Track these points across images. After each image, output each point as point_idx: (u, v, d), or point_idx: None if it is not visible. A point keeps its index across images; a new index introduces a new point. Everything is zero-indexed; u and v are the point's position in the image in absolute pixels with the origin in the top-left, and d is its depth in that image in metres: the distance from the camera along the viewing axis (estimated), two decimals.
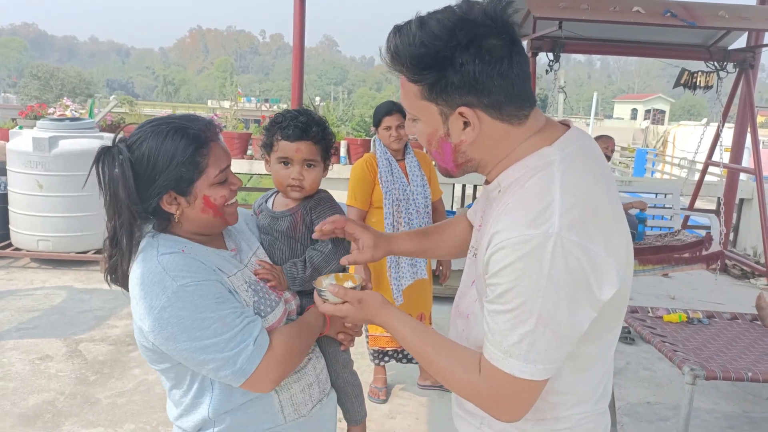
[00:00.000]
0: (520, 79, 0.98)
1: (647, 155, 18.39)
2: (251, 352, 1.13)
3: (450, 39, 0.95)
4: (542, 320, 0.92)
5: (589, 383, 1.09)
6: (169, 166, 1.16)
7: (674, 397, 3.53)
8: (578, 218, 0.92)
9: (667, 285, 5.87)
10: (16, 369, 3.54)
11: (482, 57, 0.95)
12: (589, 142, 1.08)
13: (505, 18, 0.97)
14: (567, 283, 0.91)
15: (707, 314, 3.54)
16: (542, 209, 0.93)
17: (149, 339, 1.16)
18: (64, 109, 7.08)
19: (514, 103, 1.00)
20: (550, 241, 0.90)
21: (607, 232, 0.95)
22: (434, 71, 0.97)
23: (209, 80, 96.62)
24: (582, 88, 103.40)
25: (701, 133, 5.97)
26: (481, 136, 1.02)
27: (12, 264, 5.56)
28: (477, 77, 0.95)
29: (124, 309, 4.54)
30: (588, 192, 0.97)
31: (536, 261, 0.90)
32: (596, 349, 1.05)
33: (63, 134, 5.40)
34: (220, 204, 1.23)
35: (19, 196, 5.41)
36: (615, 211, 1.01)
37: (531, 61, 5.37)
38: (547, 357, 0.95)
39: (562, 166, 0.98)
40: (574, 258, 0.90)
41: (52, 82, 47.95)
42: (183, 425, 1.26)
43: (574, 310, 0.93)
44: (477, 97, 0.98)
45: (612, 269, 0.94)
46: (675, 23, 4.42)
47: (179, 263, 1.15)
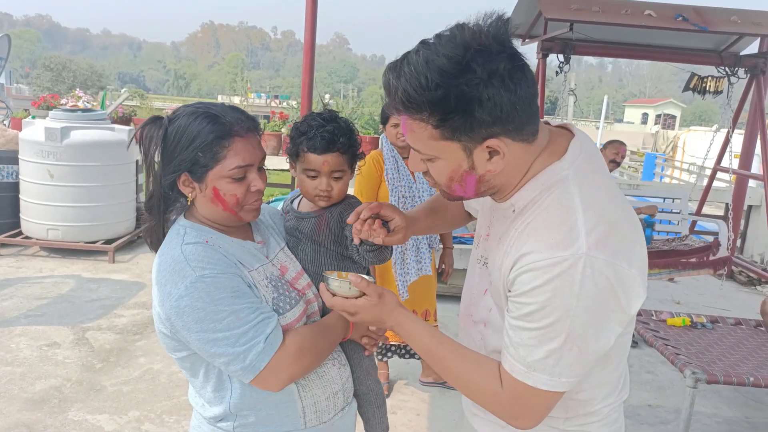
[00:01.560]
0: (535, 96, 0.96)
1: (656, 160, 18.30)
2: (261, 349, 1.12)
3: (469, 75, 0.89)
4: (570, 338, 0.93)
5: (613, 376, 1.12)
6: (189, 146, 1.18)
7: (676, 400, 3.54)
8: (603, 235, 0.93)
9: (672, 289, 5.86)
10: (24, 355, 3.59)
11: (506, 86, 0.90)
12: (590, 147, 1.07)
13: (511, 39, 0.94)
14: (597, 302, 0.92)
15: (711, 319, 3.54)
16: (568, 230, 0.93)
17: (167, 326, 1.18)
18: (76, 100, 7.15)
19: (531, 121, 0.97)
20: (581, 262, 0.91)
21: (629, 243, 0.96)
22: (460, 113, 0.91)
23: (220, 75, 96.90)
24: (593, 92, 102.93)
25: (711, 138, 5.96)
26: (505, 162, 0.98)
27: (21, 252, 5.62)
28: (503, 108, 0.91)
29: (131, 299, 4.59)
30: (605, 206, 0.98)
31: (567, 282, 0.91)
32: (617, 346, 1.06)
33: (75, 125, 5.45)
34: (230, 201, 1.20)
35: (30, 185, 5.47)
36: (630, 218, 1.01)
37: (541, 62, 5.38)
38: (572, 371, 0.97)
39: (576, 182, 0.99)
40: (603, 277, 0.91)
41: (65, 74, 48.20)
42: (205, 414, 1.27)
43: (602, 328, 0.95)
44: (503, 126, 0.94)
45: (637, 282, 0.95)
46: (686, 27, 4.42)
47: (201, 254, 1.16)
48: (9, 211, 5.71)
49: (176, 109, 1.25)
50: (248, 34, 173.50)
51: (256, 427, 1.24)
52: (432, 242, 3.19)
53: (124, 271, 5.23)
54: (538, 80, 5.60)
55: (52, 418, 2.94)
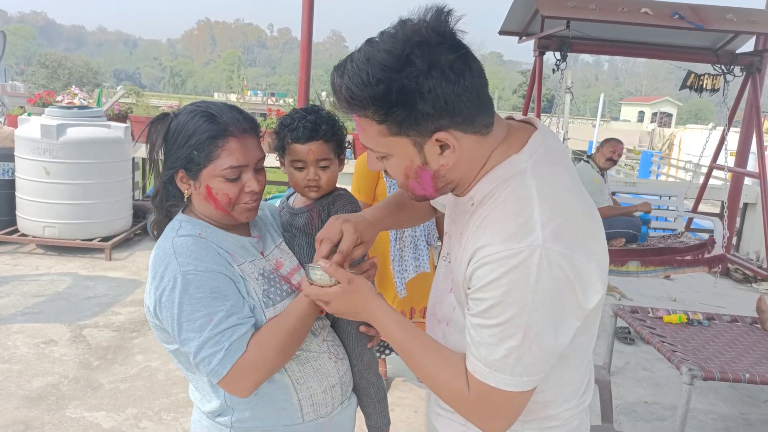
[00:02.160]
0: (482, 87, 0.95)
1: (653, 158, 18.35)
2: (223, 356, 1.12)
3: (409, 68, 0.89)
4: (529, 335, 0.91)
5: (573, 379, 1.09)
6: (185, 144, 1.20)
7: (672, 397, 3.55)
8: (559, 228, 0.91)
9: (668, 287, 5.88)
10: (21, 352, 3.58)
11: (447, 77, 0.90)
12: (553, 142, 1.05)
13: (453, 30, 0.93)
14: (553, 295, 0.90)
15: (707, 316, 3.56)
16: (523, 222, 0.91)
17: (154, 316, 1.20)
18: (72, 97, 7.12)
19: (482, 113, 0.96)
20: (536, 253, 0.89)
21: (587, 237, 0.95)
22: (402, 106, 0.90)
23: (216, 72, 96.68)
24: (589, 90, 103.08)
25: (707, 136, 5.98)
26: (458, 156, 0.98)
27: (18, 250, 5.60)
28: (447, 99, 0.91)
29: (127, 296, 4.58)
30: (564, 198, 0.96)
31: (523, 275, 0.89)
32: (577, 346, 1.04)
33: (71, 122, 5.43)
34: (222, 200, 1.21)
35: (26, 182, 5.45)
36: (590, 213, 1.00)
37: (538, 60, 5.39)
38: (533, 369, 0.95)
39: (534, 174, 0.96)
40: (559, 269, 0.89)
41: (60, 71, 48.02)
42: (203, 408, 1.28)
43: (560, 322, 0.92)
44: (450, 118, 0.93)
45: (595, 276, 0.93)
46: (683, 25, 4.43)
47: (190, 248, 1.18)
48: (5, 209, 5.69)
49: (182, 107, 1.28)
50: (245, 31, 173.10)
51: (253, 422, 1.24)
52: (430, 239, 3.20)
53: (121, 269, 5.22)
54: (534, 78, 5.62)
55: (50, 416, 2.94)
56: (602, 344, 4.11)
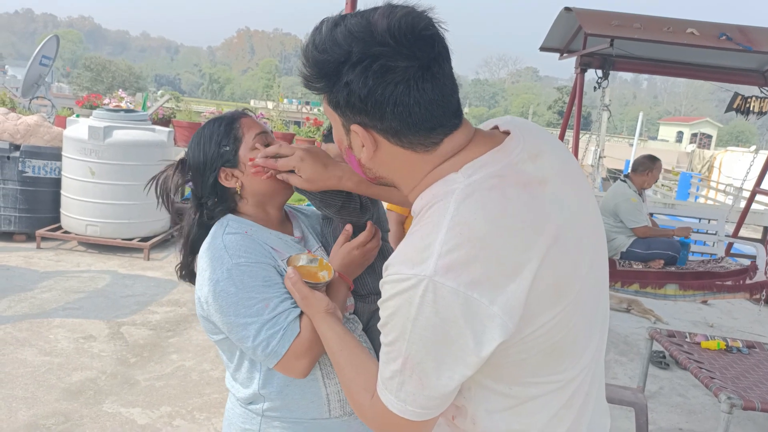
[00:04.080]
0: (423, 108, 0.86)
1: (692, 179, 17.96)
2: (281, 336, 1.19)
3: (345, 51, 0.85)
4: (408, 364, 0.86)
5: (533, 425, 0.96)
6: (210, 147, 1.32)
7: (707, 425, 3.46)
8: (460, 261, 0.81)
9: (705, 312, 5.74)
10: (61, 346, 3.69)
11: (367, 79, 0.84)
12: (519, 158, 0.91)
13: (416, 37, 0.85)
14: (434, 333, 0.82)
15: (747, 344, 3.47)
16: (422, 248, 0.84)
17: (204, 308, 1.26)
18: (119, 100, 7.35)
19: (415, 132, 0.88)
20: (421, 285, 0.81)
21: (502, 276, 0.82)
22: (324, 82, 0.89)
23: (253, 80, 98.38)
24: (627, 108, 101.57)
25: (751, 159, 5.84)
26: (383, 158, 0.93)
27: (61, 246, 5.79)
28: (363, 99, 0.86)
29: (164, 296, 4.68)
30: (481, 229, 0.83)
31: (406, 303, 0.83)
32: (533, 391, 0.94)
33: (117, 125, 5.61)
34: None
35: (71, 181, 5.64)
36: (526, 249, 0.84)
37: (579, 77, 5.36)
38: (416, 402, 0.88)
39: (460, 198, 0.86)
40: (445, 306, 0.81)
41: (104, 74, 49.55)
42: (238, 395, 1.34)
43: (441, 363, 0.84)
44: (370, 119, 0.88)
45: (495, 321, 0.82)
46: (730, 47, 4.36)
47: (239, 243, 1.25)
48: (50, 206, 5.88)
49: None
50: (282, 40, 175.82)
51: (282, 411, 1.29)
52: None
53: (159, 269, 5.34)
54: (574, 95, 5.59)
55: (88, 409, 3.02)
56: (637, 367, 4.04)
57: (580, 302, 0.90)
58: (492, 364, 0.89)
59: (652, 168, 4.79)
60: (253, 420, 1.31)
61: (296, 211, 1.51)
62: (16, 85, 9.15)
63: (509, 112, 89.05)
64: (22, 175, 5.72)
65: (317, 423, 1.30)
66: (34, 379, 3.26)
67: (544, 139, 0.98)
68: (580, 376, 0.97)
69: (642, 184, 4.81)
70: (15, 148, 5.71)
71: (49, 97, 8.75)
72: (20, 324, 3.94)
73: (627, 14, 4.74)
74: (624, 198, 4.72)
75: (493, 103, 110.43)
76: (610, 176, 19.96)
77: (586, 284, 0.92)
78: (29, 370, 3.35)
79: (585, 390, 0.99)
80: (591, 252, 0.95)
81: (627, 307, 5.43)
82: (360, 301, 1.41)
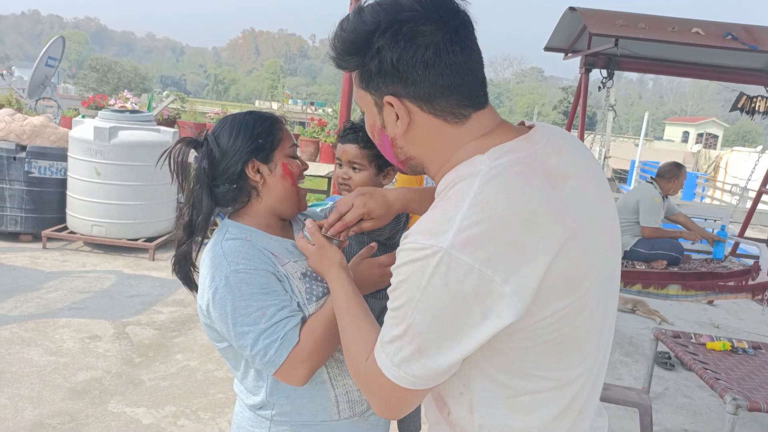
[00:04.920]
0: (453, 71, 0.90)
1: (697, 179, 17.89)
2: (279, 345, 1.18)
3: (375, 22, 0.89)
4: (410, 332, 0.87)
5: (533, 423, 0.95)
6: (250, 135, 1.30)
7: (713, 426, 3.45)
8: (478, 237, 0.82)
9: (711, 313, 5.72)
10: (67, 346, 3.71)
11: (398, 41, 0.88)
12: (544, 150, 0.93)
13: (442, 5, 0.90)
14: (442, 306, 0.84)
15: (753, 345, 3.45)
16: (443, 221, 0.85)
17: (206, 316, 1.26)
18: (124, 101, 7.38)
19: (447, 96, 0.91)
20: (437, 256, 0.82)
21: (518, 257, 0.83)
22: (355, 57, 0.93)
23: (258, 81, 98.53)
24: (632, 108, 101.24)
25: (756, 159, 5.82)
26: (415, 131, 0.95)
27: (66, 246, 5.81)
28: (395, 64, 0.89)
29: (169, 296, 4.70)
30: (503, 209, 0.84)
31: (418, 272, 0.84)
32: (535, 385, 0.93)
33: (123, 125, 5.63)
34: (296, 173, 1.34)
35: (77, 181, 5.66)
36: (545, 234, 0.86)
37: (583, 77, 5.34)
38: (411, 369, 0.89)
39: (485, 178, 0.87)
40: (456, 280, 0.82)
41: (109, 75, 49.73)
42: (246, 401, 1.33)
43: (444, 335, 0.85)
44: (403, 86, 0.91)
45: (505, 301, 0.82)
46: (736, 46, 4.34)
47: (238, 249, 1.25)
48: (56, 207, 5.91)
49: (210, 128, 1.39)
50: (287, 41, 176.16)
51: (291, 416, 1.29)
52: None
53: (164, 269, 5.36)
54: (579, 95, 5.57)
55: (93, 409, 3.03)
56: (641, 368, 4.03)
57: (590, 299, 0.91)
58: (496, 349, 0.89)
59: (679, 175, 4.83)
60: (263, 424, 1.30)
61: (299, 214, 1.49)
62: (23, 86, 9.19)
63: (514, 112, 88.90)
64: (28, 176, 5.75)
65: (327, 425, 1.30)
66: (39, 379, 3.27)
67: (567, 139, 1.01)
68: (581, 379, 0.96)
69: (668, 191, 4.83)
70: (21, 149, 5.74)
71: (55, 98, 8.79)
72: (26, 324, 3.96)
73: (632, 14, 4.72)
74: (649, 196, 4.75)
75: (498, 104, 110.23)
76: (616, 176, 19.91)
77: (597, 283, 0.93)
78: (35, 370, 3.37)
79: (586, 395, 0.99)
80: (605, 252, 0.95)
81: (632, 308, 5.41)
82: (371, 297, 1.41)
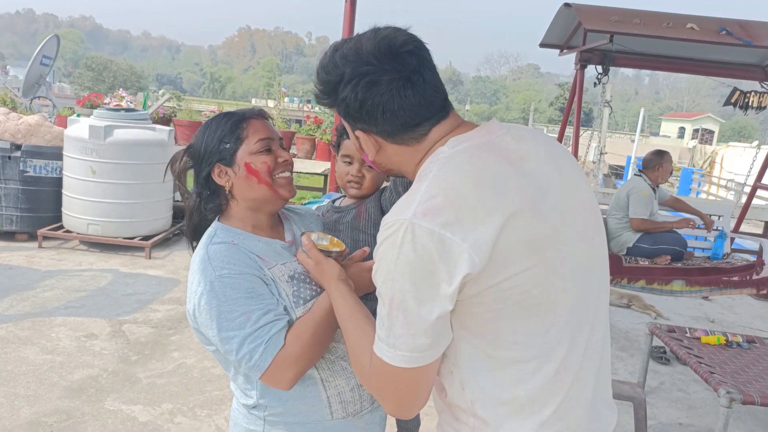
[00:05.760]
0: (408, 111, 1.03)
1: (693, 175, 17.93)
2: (263, 350, 1.18)
3: (341, 73, 1.03)
4: (394, 304, 0.95)
5: (517, 393, 1.01)
6: (212, 141, 1.33)
7: (707, 420, 3.47)
8: (436, 206, 0.93)
9: (706, 307, 5.74)
10: (63, 344, 3.71)
11: (357, 93, 1.02)
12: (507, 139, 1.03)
13: (396, 54, 1.01)
14: (413, 269, 0.93)
15: (747, 339, 3.47)
16: (408, 201, 0.97)
17: (193, 321, 1.26)
18: (119, 100, 7.36)
19: (404, 131, 1.05)
20: (403, 227, 0.93)
21: (471, 220, 0.92)
22: (329, 98, 1.07)
23: (254, 79, 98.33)
24: (629, 104, 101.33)
25: (753, 155, 5.84)
26: (386, 155, 1.09)
27: (62, 245, 5.80)
28: (358, 110, 1.03)
29: (165, 294, 4.70)
30: (455, 182, 0.96)
31: (391, 246, 0.95)
32: (515, 353, 0.99)
33: (118, 124, 5.62)
34: (262, 170, 1.30)
35: (73, 180, 5.65)
36: (499, 200, 0.94)
37: (579, 73, 5.36)
38: (405, 344, 0.96)
39: (443, 161, 1.00)
40: (421, 245, 0.92)
41: (105, 74, 49.58)
42: (241, 401, 1.34)
43: (420, 297, 0.94)
44: (367, 125, 1.06)
45: (464, 256, 0.92)
46: (730, 41, 4.35)
47: (223, 254, 1.25)
48: (52, 206, 5.90)
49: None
50: (283, 39, 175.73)
51: (284, 417, 1.29)
52: None
53: (160, 267, 5.35)
54: (575, 91, 5.58)
55: (90, 407, 3.04)
56: (637, 363, 4.05)
57: (559, 267, 0.99)
58: (472, 314, 0.98)
59: (662, 162, 4.78)
60: (257, 422, 1.31)
61: (290, 212, 1.48)
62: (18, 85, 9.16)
63: (511, 109, 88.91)
64: (23, 175, 5.74)
65: (320, 424, 1.31)
66: (36, 377, 3.27)
67: (530, 132, 1.11)
68: (562, 350, 1.01)
69: (656, 180, 4.80)
70: (16, 148, 5.73)
71: (50, 96, 8.77)
72: (22, 323, 3.95)
73: (626, 9, 4.73)
74: (637, 188, 4.74)
75: (495, 101, 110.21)
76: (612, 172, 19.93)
77: (572, 253, 1.01)
78: (31, 369, 3.37)
79: (575, 369, 1.03)
80: (580, 230, 1.04)
81: (627, 303, 5.43)
82: (363, 299, 1.42)
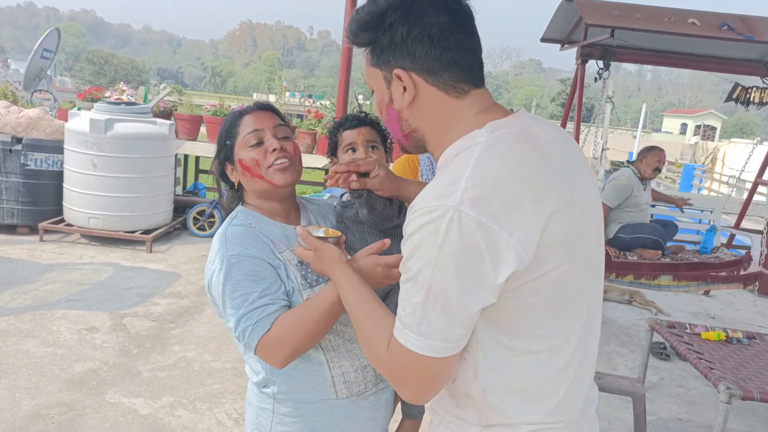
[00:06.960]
0: (455, 47, 1.00)
1: (695, 171, 17.91)
2: (251, 331, 1.24)
3: (388, 4, 1.01)
4: (432, 293, 0.91)
5: (532, 380, 1.01)
6: (220, 139, 1.42)
7: (707, 416, 3.48)
8: (482, 196, 0.90)
9: (707, 303, 5.74)
10: (64, 337, 3.72)
11: (408, 18, 0.99)
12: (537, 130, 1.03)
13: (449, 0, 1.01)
14: (459, 258, 0.89)
15: (747, 335, 3.47)
16: (449, 184, 0.92)
17: (209, 293, 1.35)
18: (120, 93, 7.35)
19: (449, 70, 1.01)
20: (448, 213, 0.89)
21: (518, 214, 0.91)
22: (369, 32, 1.03)
23: (256, 73, 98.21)
24: (631, 100, 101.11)
25: (750, 150, 5.82)
26: (420, 103, 1.04)
27: (63, 239, 5.81)
28: (405, 38, 1.00)
29: (166, 288, 4.71)
30: (500, 173, 0.93)
31: (433, 232, 0.90)
32: (533, 344, 0.99)
33: (119, 117, 5.62)
34: (252, 165, 1.35)
35: (74, 174, 5.65)
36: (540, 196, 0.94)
37: (580, 68, 5.33)
38: (438, 333, 0.93)
39: (484, 148, 0.96)
40: (469, 234, 0.89)
41: (106, 68, 49.58)
42: (253, 380, 1.41)
43: (464, 288, 0.91)
44: (410, 59, 1.01)
45: (511, 252, 0.90)
46: (732, 37, 4.34)
47: (238, 236, 1.32)
48: (53, 199, 5.91)
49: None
50: (285, 33, 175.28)
51: (291, 394, 1.35)
52: None
53: (161, 261, 5.36)
54: (576, 86, 5.56)
55: (90, 399, 3.05)
56: (637, 358, 4.05)
57: (583, 262, 1.00)
58: (502, 308, 0.96)
59: (647, 155, 4.80)
60: (267, 401, 1.38)
61: (307, 201, 1.55)
62: (19, 78, 9.15)
63: (512, 104, 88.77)
64: (24, 168, 5.74)
65: (326, 403, 1.36)
66: (37, 370, 3.28)
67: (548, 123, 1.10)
68: (573, 340, 1.02)
69: (642, 172, 4.80)
70: (17, 141, 5.73)
71: (51, 90, 8.76)
72: (23, 316, 3.96)
73: (628, 4, 4.71)
74: (617, 177, 4.76)
75: (497, 96, 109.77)
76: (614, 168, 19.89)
77: (588, 251, 1.02)
78: (32, 361, 3.38)
79: (579, 359, 1.05)
80: (591, 224, 1.04)
81: (629, 299, 5.43)
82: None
